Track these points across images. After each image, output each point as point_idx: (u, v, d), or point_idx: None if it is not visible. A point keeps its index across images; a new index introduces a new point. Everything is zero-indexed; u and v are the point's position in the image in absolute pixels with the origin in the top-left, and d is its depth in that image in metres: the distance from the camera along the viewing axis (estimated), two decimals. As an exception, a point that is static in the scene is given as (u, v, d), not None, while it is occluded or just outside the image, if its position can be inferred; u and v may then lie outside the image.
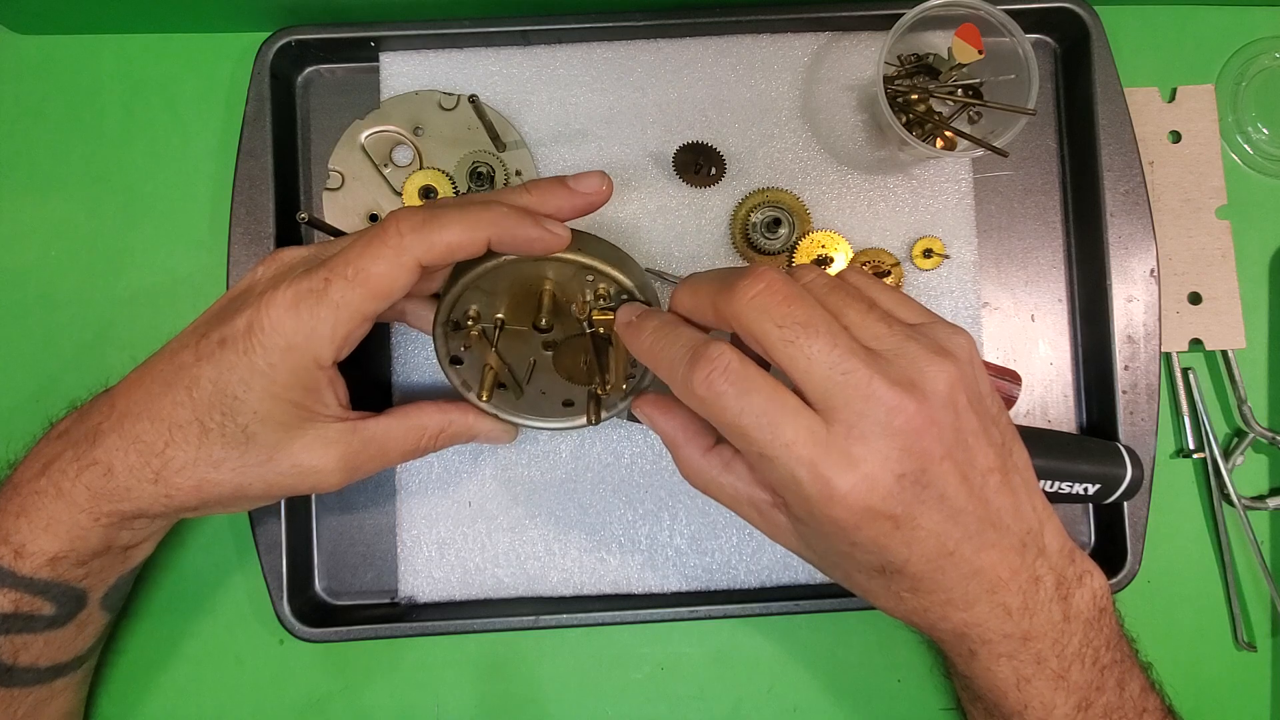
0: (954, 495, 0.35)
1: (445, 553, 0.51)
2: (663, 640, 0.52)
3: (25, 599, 0.40)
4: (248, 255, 0.50)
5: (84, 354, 0.53)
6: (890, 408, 0.34)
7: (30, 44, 0.54)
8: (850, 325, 0.36)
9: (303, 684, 0.52)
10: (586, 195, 0.42)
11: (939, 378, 0.35)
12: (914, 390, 0.34)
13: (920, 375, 0.34)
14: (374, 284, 0.38)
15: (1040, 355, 0.52)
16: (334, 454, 0.41)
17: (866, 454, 0.34)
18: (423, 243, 0.38)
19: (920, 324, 0.37)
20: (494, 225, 0.39)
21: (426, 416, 0.44)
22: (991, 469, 0.36)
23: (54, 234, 0.53)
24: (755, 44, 0.52)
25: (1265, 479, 0.54)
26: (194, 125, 0.53)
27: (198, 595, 0.52)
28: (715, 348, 0.35)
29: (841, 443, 0.34)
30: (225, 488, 0.40)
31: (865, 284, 0.39)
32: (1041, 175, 0.53)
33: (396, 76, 0.52)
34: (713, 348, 0.35)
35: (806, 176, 0.52)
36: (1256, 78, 0.54)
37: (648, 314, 0.40)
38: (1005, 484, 0.36)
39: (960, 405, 0.35)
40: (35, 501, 0.40)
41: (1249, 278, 0.53)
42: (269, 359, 0.38)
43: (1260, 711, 0.52)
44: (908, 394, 0.34)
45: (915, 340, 0.36)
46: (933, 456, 0.34)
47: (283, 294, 0.38)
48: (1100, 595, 0.38)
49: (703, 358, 0.35)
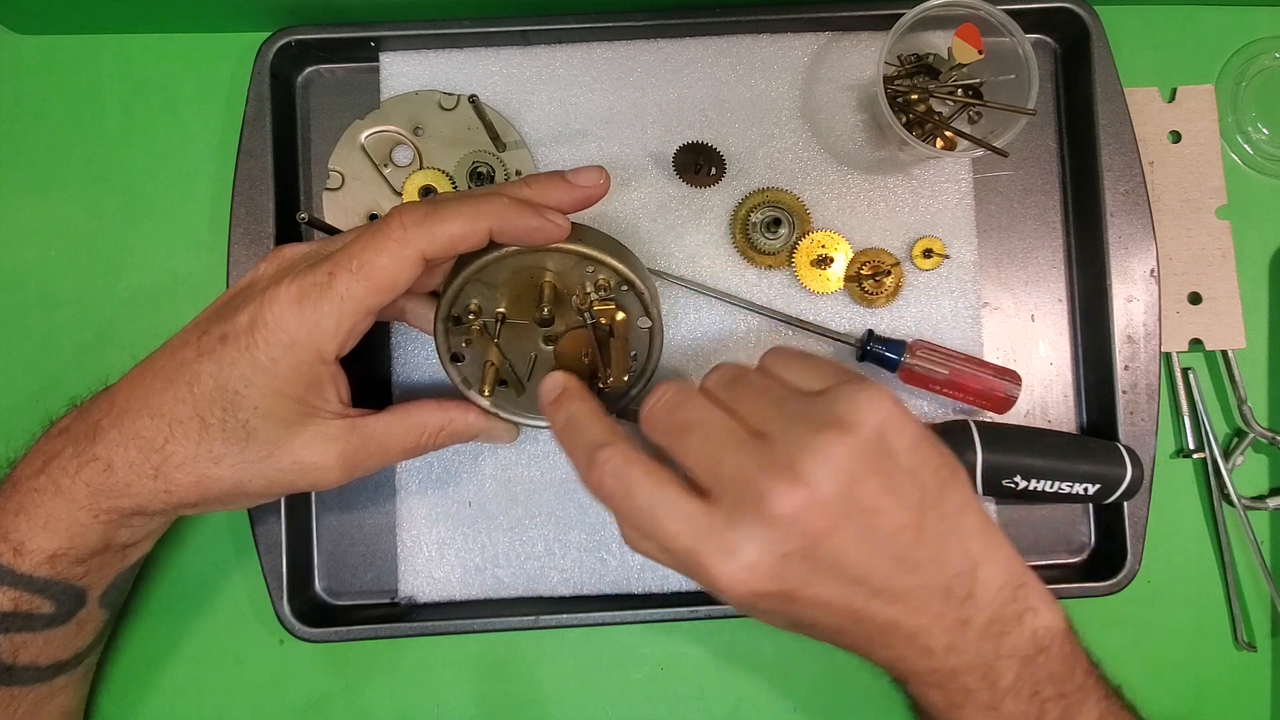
0: (853, 562, 0.35)
1: (445, 553, 0.51)
2: (663, 640, 0.52)
3: (24, 597, 0.40)
4: (248, 255, 0.50)
5: (84, 354, 0.53)
6: (765, 493, 0.34)
7: (30, 44, 0.54)
8: (744, 414, 0.38)
9: (303, 684, 0.52)
10: (585, 188, 0.42)
11: (821, 454, 0.35)
12: (790, 472, 0.35)
13: (801, 454, 0.35)
14: (378, 277, 0.38)
15: (1040, 355, 0.52)
16: (334, 451, 0.41)
17: (745, 540, 0.35)
18: (425, 235, 0.38)
19: (824, 390, 0.38)
20: (495, 216, 0.39)
21: (427, 414, 0.44)
22: (902, 526, 0.36)
23: (54, 234, 0.53)
24: (755, 44, 0.52)
25: (1265, 479, 0.54)
26: (194, 125, 0.53)
27: (197, 595, 0.52)
28: (604, 452, 0.37)
29: (721, 531, 0.35)
30: (225, 484, 0.40)
31: (774, 361, 0.41)
32: (1041, 175, 0.53)
33: (396, 76, 0.52)
34: (602, 452, 0.37)
35: (806, 176, 0.52)
36: (1256, 78, 0.54)
37: (560, 402, 0.42)
38: (920, 539, 0.36)
39: (850, 476, 0.35)
40: (35, 499, 0.40)
41: (1249, 278, 0.53)
42: (271, 354, 0.38)
43: (1260, 711, 0.52)
44: (782, 477, 0.35)
45: (802, 417, 0.36)
46: (817, 533, 0.35)
47: (286, 289, 0.38)
48: (1041, 633, 0.38)
49: (594, 462, 0.38)
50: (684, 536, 0.36)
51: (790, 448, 0.35)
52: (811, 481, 0.35)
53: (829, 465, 0.35)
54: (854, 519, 0.35)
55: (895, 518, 0.36)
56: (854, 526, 0.35)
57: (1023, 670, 0.38)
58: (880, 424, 0.36)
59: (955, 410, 0.51)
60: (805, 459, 0.35)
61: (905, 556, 0.36)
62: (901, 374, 0.49)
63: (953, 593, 0.37)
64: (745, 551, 0.35)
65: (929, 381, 0.49)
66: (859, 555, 0.35)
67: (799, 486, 0.34)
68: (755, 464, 0.35)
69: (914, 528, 0.36)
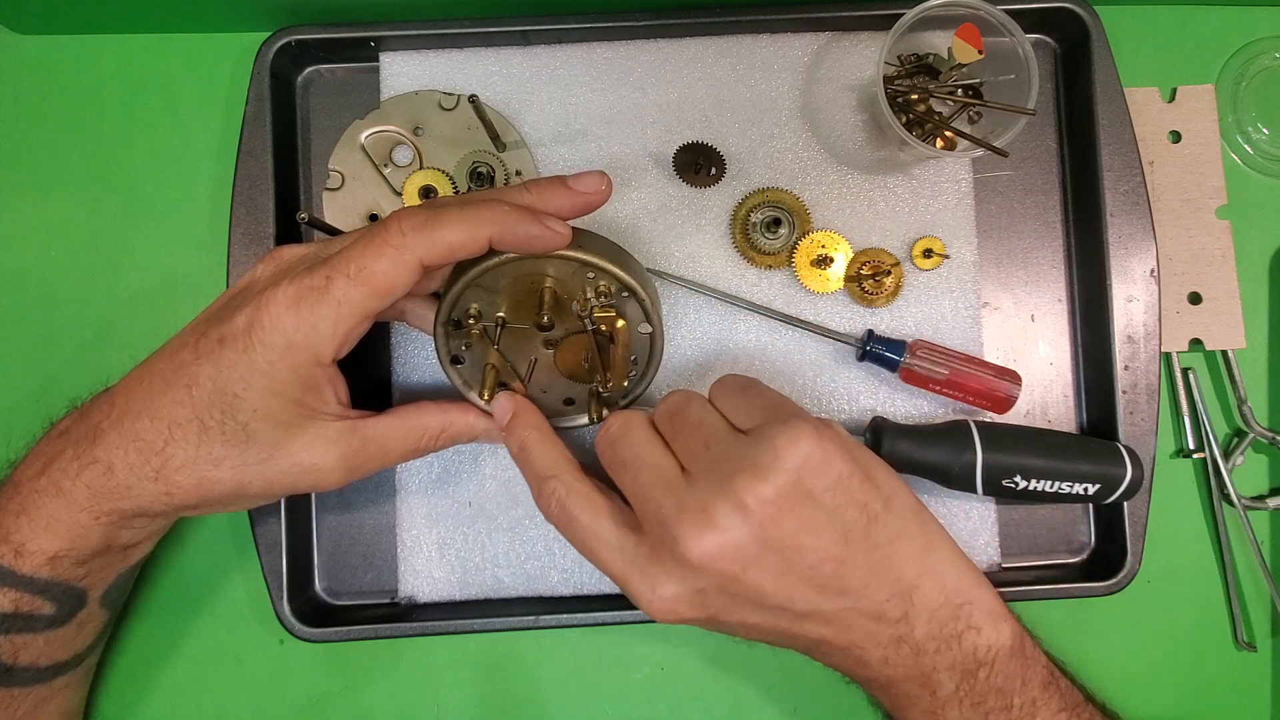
0: (772, 593, 0.38)
1: (445, 553, 0.51)
2: (663, 640, 0.52)
3: (25, 598, 0.40)
4: (248, 255, 0.50)
5: (84, 354, 0.53)
6: (679, 538, 0.37)
7: (30, 44, 0.54)
8: (678, 450, 0.40)
9: (303, 684, 0.52)
10: (586, 195, 0.42)
11: (733, 500, 0.37)
12: (703, 517, 0.37)
13: (713, 500, 0.37)
14: (376, 282, 0.38)
15: (1040, 355, 0.52)
16: (334, 453, 0.41)
17: (663, 576, 0.38)
18: (425, 241, 0.38)
19: (751, 430, 0.39)
20: (496, 224, 0.39)
21: (427, 416, 0.44)
22: (823, 560, 0.37)
23: (54, 234, 0.53)
24: (755, 44, 0.52)
25: (1265, 479, 0.54)
26: (194, 125, 0.53)
27: (198, 595, 0.52)
28: (549, 484, 0.41)
29: (644, 564, 0.38)
30: (225, 486, 0.40)
31: (719, 393, 0.43)
32: (1041, 175, 0.53)
33: (396, 76, 0.52)
34: (548, 484, 0.41)
35: (806, 176, 0.52)
36: (1256, 78, 0.54)
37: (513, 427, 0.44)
38: (843, 569, 0.38)
39: (762, 519, 0.37)
40: (35, 500, 0.40)
41: (1249, 278, 0.53)
42: (269, 357, 0.38)
43: (1260, 711, 0.52)
44: (695, 523, 0.37)
45: (724, 459, 0.38)
46: (731, 572, 0.37)
47: (283, 291, 0.38)
48: (984, 650, 0.39)
49: (540, 493, 0.41)
50: (615, 566, 0.39)
51: (707, 492, 0.37)
52: (723, 527, 0.36)
53: (739, 513, 0.37)
54: (769, 556, 0.37)
55: (815, 553, 0.37)
56: (770, 563, 0.37)
57: (963, 682, 0.39)
58: (797, 468, 0.37)
59: (955, 410, 0.51)
60: (718, 505, 0.37)
61: (828, 585, 0.38)
62: (901, 374, 0.49)
63: (885, 615, 0.39)
64: (664, 586, 0.38)
65: (929, 381, 0.49)
66: (778, 587, 0.38)
67: (709, 532, 0.36)
68: (675, 506, 0.37)
69: (836, 560, 0.38)
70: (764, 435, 0.38)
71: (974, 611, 0.39)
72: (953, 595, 0.39)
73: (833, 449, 0.38)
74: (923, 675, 0.39)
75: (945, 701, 0.39)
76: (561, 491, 0.41)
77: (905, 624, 0.39)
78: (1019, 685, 0.40)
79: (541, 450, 0.43)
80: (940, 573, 0.39)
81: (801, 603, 0.38)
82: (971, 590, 0.40)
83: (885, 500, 0.39)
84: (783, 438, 0.37)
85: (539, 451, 0.43)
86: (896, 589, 0.39)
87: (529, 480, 0.43)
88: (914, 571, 0.39)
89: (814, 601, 0.38)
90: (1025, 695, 0.40)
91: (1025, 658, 0.40)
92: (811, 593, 0.38)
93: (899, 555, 0.39)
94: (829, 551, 0.37)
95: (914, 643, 0.39)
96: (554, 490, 0.41)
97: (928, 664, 0.39)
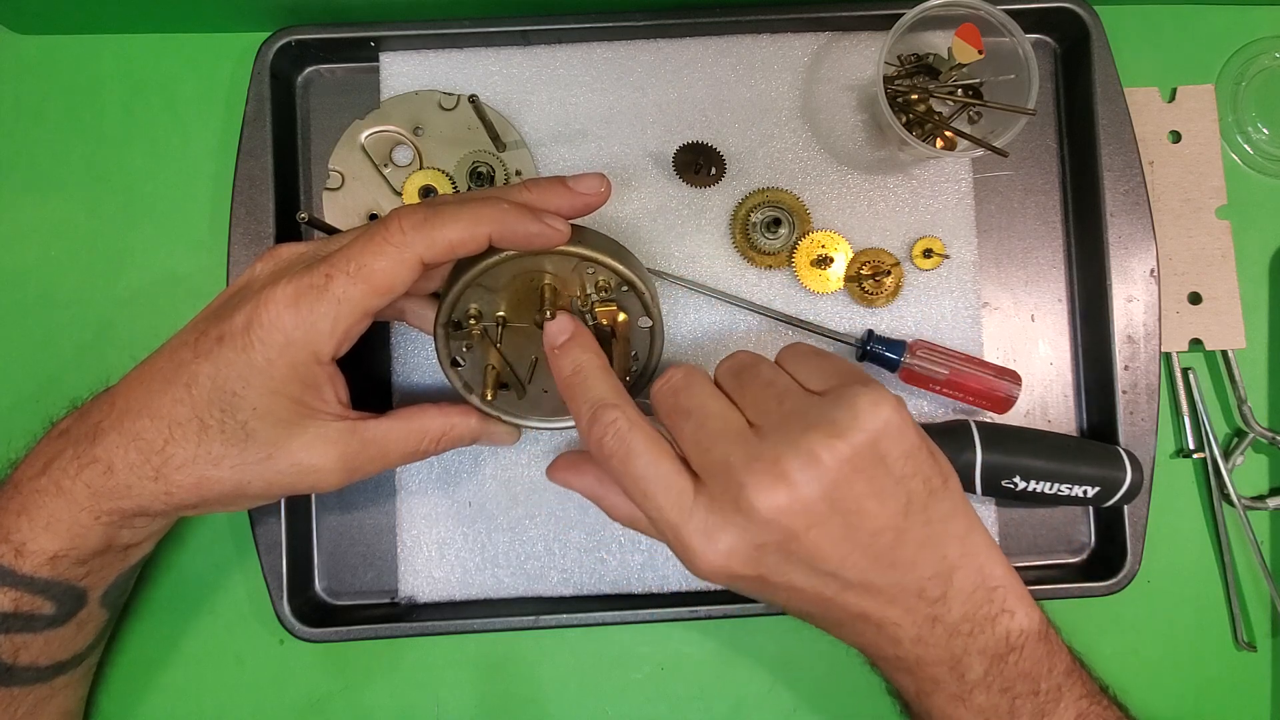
0: (828, 558, 0.37)
1: (445, 553, 0.51)
2: (663, 640, 0.52)
3: (25, 598, 0.40)
4: (248, 255, 0.50)
5: (84, 354, 0.53)
6: (746, 487, 0.36)
7: (30, 44, 0.54)
8: (744, 405, 0.39)
9: (303, 684, 0.52)
10: (585, 195, 0.42)
11: (806, 455, 0.36)
12: (775, 469, 0.36)
13: (787, 453, 0.36)
14: (375, 280, 0.38)
15: (1040, 355, 0.52)
16: (334, 454, 0.41)
17: (724, 526, 0.36)
18: (424, 239, 0.38)
19: (827, 390, 0.38)
20: (495, 222, 0.39)
21: (428, 419, 0.44)
22: (883, 529, 0.37)
23: (54, 234, 0.53)
24: (755, 44, 0.52)
25: (1265, 479, 0.54)
26: (194, 125, 0.53)
27: (198, 595, 0.52)
28: (610, 412, 0.38)
29: (703, 514, 0.37)
30: (225, 485, 0.40)
31: (788, 356, 0.41)
32: (1041, 175, 0.53)
33: (396, 76, 0.52)
34: (608, 412, 0.38)
35: (806, 176, 0.52)
36: (1256, 78, 0.54)
37: (567, 348, 0.41)
38: (899, 541, 0.37)
39: (834, 479, 0.36)
40: (36, 500, 0.40)
41: (1249, 278, 0.53)
42: (267, 355, 0.38)
43: (1260, 711, 0.52)
44: (765, 475, 0.36)
45: (797, 415, 0.37)
46: (795, 529, 0.36)
47: (282, 290, 0.38)
48: (1015, 634, 0.39)
49: (598, 420, 0.38)
50: (669, 511, 0.37)
51: (779, 445, 0.36)
52: (795, 481, 0.35)
53: (813, 468, 0.36)
54: (835, 519, 0.36)
55: (877, 520, 0.37)
56: (834, 525, 0.36)
57: (992, 667, 0.39)
58: (876, 431, 0.36)
59: (955, 410, 0.51)
60: (791, 458, 0.36)
61: (882, 556, 0.37)
62: (901, 374, 0.49)
63: (926, 593, 0.38)
64: (722, 538, 0.36)
65: (929, 381, 0.49)
66: (836, 552, 0.37)
67: (781, 485, 0.35)
68: (743, 456, 0.36)
69: (895, 530, 0.37)
70: (844, 395, 0.37)
71: (1007, 596, 0.39)
72: (987, 578, 0.39)
73: (908, 419, 0.37)
74: (953, 658, 0.39)
75: (973, 686, 0.39)
76: (623, 423, 0.38)
77: (943, 604, 0.38)
78: (1045, 670, 0.39)
79: (600, 377, 0.40)
80: (979, 556, 0.39)
81: (853, 571, 0.37)
82: (1004, 575, 0.39)
83: (944, 478, 0.39)
84: (864, 399, 0.37)
85: (598, 377, 0.40)
86: (940, 568, 0.38)
87: (578, 407, 0.40)
88: (957, 552, 0.38)
89: (865, 572, 0.37)
90: (1050, 681, 0.40)
91: (1051, 643, 0.40)
92: (865, 562, 0.37)
93: (947, 534, 0.38)
94: (889, 521, 0.37)
95: (949, 624, 0.38)
96: (614, 420, 0.38)
97: (959, 646, 0.38)
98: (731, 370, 0.41)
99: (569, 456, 0.44)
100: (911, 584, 0.38)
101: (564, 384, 0.41)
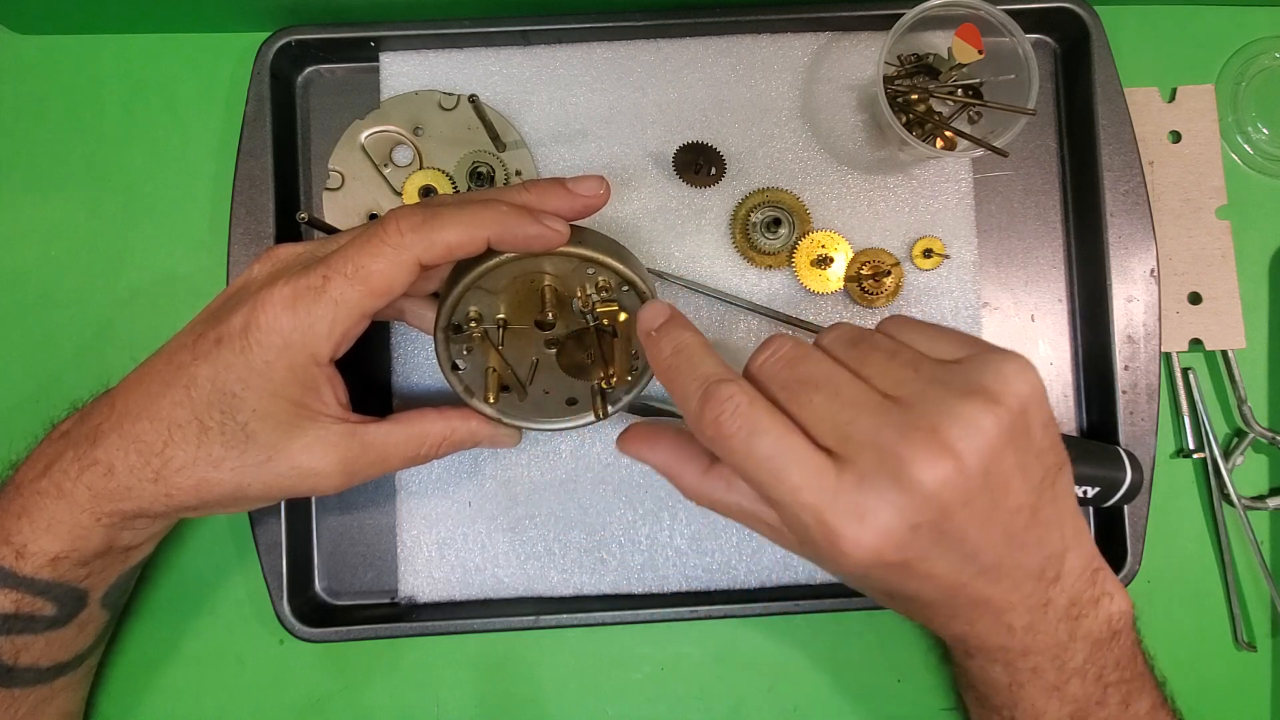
0: (973, 538, 0.34)
1: (445, 553, 0.51)
2: (663, 640, 0.52)
3: (26, 599, 0.40)
4: (248, 255, 0.50)
5: (84, 354, 0.53)
6: (907, 460, 0.32)
7: (30, 44, 0.54)
8: (871, 376, 0.35)
9: (303, 684, 0.52)
10: (584, 198, 0.42)
11: (967, 423, 0.33)
12: (934, 439, 0.32)
13: (945, 421, 0.33)
14: (373, 282, 0.38)
15: (1040, 355, 0.52)
16: (333, 456, 0.41)
17: (879, 505, 0.33)
18: (423, 242, 0.38)
19: (962, 358, 0.36)
20: (495, 224, 0.39)
21: (429, 424, 0.44)
22: (1021, 507, 0.35)
23: (54, 234, 0.53)
24: (755, 44, 0.52)
25: (1265, 479, 0.54)
26: (194, 125, 0.53)
27: (198, 595, 0.52)
28: (726, 388, 0.35)
29: (852, 493, 0.33)
30: (225, 487, 0.40)
31: (899, 327, 0.38)
32: (1041, 175, 0.53)
33: (396, 76, 0.52)
34: (724, 388, 0.35)
35: (806, 176, 0.52)
36: (1256, 78, 0.54)
37: (667, 330, 0.39)
38: (1034, 519, 0.35)
39: (990, 447, 0.33)
40: (37, 502, 0.40)
41: (1249, 278, 0.53)
42: (266, 356, 0.38)
43: (1260, 711, 0.52)
44: (927, 445, 0.32)
45: (943, 383, 0.34)
46: (952, 505, 0.33)
47: (280, 291, 0.38)
48: (1116, 618, 0.38)
49: (713, 397, 0.35)
50: (808, 492, 0.33)
51: (933, 414, 0.33)
52: (959, 452, 0.32)
53: (977, 436, 0.33)
54: (984, 495, 0.33)
55: (1018, 497, 0.34)
56: (983, 502, 0.33)
57: (1092, 653, 0.38)
58: (1025, 398, 0.34)
59: (955, 410, 0.51)
60: (951, 426, 0.32)
61: (1016, 536, 0.35)
62: (901, 374, 0.49)
63: (1044, 575, 0.36)
64: (878, 518, 0.32)
65: (929, 382, 0.49)
66: (980, 532, 0.34)
67: (946, 456, 0.32)
68: (894, 428, 0.33)
69: (1030, 509, 0.35)
70: (989, 361, 0.35)
71: (1106, 579, 0.38)
72: (1090, 560, 0.37)
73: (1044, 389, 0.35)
74: (1059, 644, 0.37)
75: (1071, 675, 0.37)
76: (743, 398, 0.34)
77: (1057, 586, 0.36)
78: (1134, 659, 0.39)
79: (708, 353, 0.37)
80: (1085, 536, 0.37)
81: (989, 554, 0.34)
82: (1099, 557, 0.38)
83: (1065, 453, 0.36)
84: (1011, 365, 0.34)
85: (704, 353, 0.37)
86: (1056, 549, 0.36)
87: (685, 386, 0.36)
88: (1070, 531, 0.36)
89: (999, 554, 0.34)
90: (1135, 669, 0.39)
91: (1137, 633, 0.40)
92: (1001, 543, 0.34)
93: (1066, 512, 0.36)
94: (1026, 499, 0.34)
95: (1059, 608, 0.37)
96: (732, 395, 0.34)
97: (1064, 632, 0.37)
98: (845, 340, 0.38)
99: (642, 428, 0.41)
100: (1034, 566, 0.36)
101: (665, 365, 0.38)
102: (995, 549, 0.34)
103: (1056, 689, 0.38)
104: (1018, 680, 0.38)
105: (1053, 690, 0.38)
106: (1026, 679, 0.38)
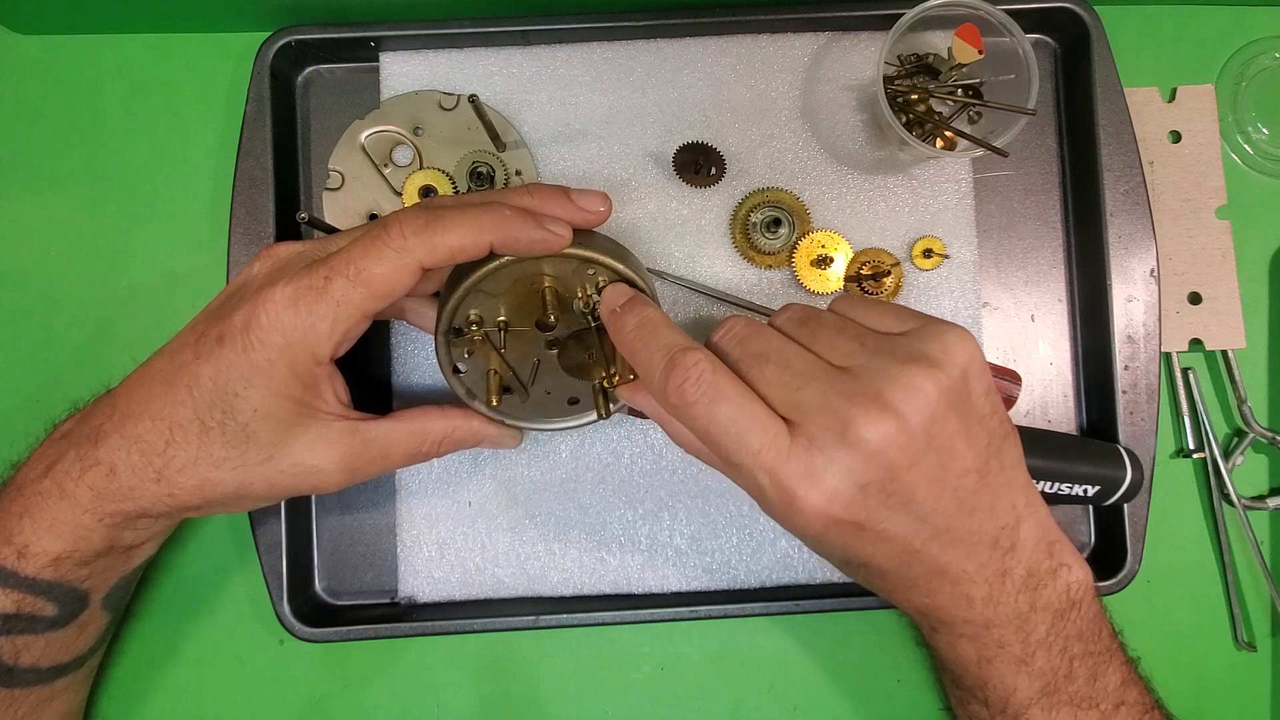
0: (923, 499, 0.36)
1: (445, 553, 0.51)
2: (663, 640, 0.52)
3: (28, 600, 0.40)
4: (247, 255, 0.50)
5: (84, 354, 0.53)
6: (851, 420, 0.34)
7: (30, 44, 0.54)
8: (821, 350, 0.38)
9: (303, 684, 0.52)
10: (585, 212, 0.42)
11: (909, 386, 0.35)
12: (877, 402, 0.35)
13: (887, 386, 0.35)
14: (375, 284, 0.38)
15: (1040, 355, 0.52)
16: (335, 454, 0.41)
17: (827, 465, 0.35)
18: (425, 245, 0.38)
19: (906, 331, 0.38)
20: (497, 228, 0.39)
21: (430, 421, 0.44)
22: (969, 470, 0.36)
23: (54, 234, 0.53)
24: (755, 44, 0.52)
25: (1265, 479, 0.54)
26: (194, 125, 0.53)
27: (198, 596, 0.52)
28: (690, 355, 0.37)
29: (803, 454, 0.35)
30: (227, 486, 0.40)
31: (847, 306, 0.41)
32: (1041, 175, 0.53)
33: (396, 76, 0.52)
34: (688, 355, 0.37)
35: (806, 176, 0.52)
36: (1256, 78, 0.54)
37: (631, 305, 0.40)
38: (983, 484, 0.37)
39: (934, 411, 0.35)
40: (39, 502, 0.40)
41: (1249, 278, 0.53)
42: (267, 355, 0.38)
43: (1260, 711, 0.52)
44: (870, 407, 0.34)
45: (887, 353, 0.36)
46: (899, 466, 0.35)
47: (281, 290, 0.38)
48: (1075, 588, 0.39)
49: (678, 365, 0.37)
50: (767, 454, 0.35)
51: (877, 379, 0.35)
52: (901, 412, 0.35)
53: (918, 398, 0.35)
54: (930, 456, 0.35)
55: (965, 460, 0.36)
56: (929, 463, 0.35)
57: (1054, 624, 0.38)
58: (965, 365, 0.36)
59: (955, 410, 0.51)
60: (894, 390, 0.35)
61: (966, 500, 0.36)
62: (901, 374, 0.49)
63: (999, 543, 0.37)
64: (828, 477, 0.35)
65: (929, 382, 0.49)
66: (929, 493, 0.36)
67: (888, 416, 0.34)
68: (841, 393, 0.35)
69: (978, 473, 0.37)
70: (931, 331, 0.37)
71: (1064, 550, 0.39)
72: (1046, 533, 0.39)
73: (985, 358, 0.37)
74: (1020, 615, 0.38)
75: (1036, 647, 0.38)
76: (707, 367, 0.36)
77: (1013, 556, 0.38)
78: (1097, 631, 0.40)
79: (669, 326, 0.39)
80: (1039, 508, 0.39)
81: (940, 516, 0.36)
82: (1057, 529, 0.39)
83: (1010, 424, 0.38)
84: (952, 334, 0.37)
85: (666, 326, 0.39)
86: (1010, 519, 0.37)
87: (649, 356, 0.38)
88: (1023, 502, 0.38)
89: (951, 517, 0.36)
90: (1100, 643, 0.40)
91: (1099, 604, 0.40)
92: (952, 506, 0.36)
93: (1017, 482, 0.38)
94: (974, 463, 0.36)
95: (1017, 578, 0.38)
96: (696, 363, 0.36)
97: (1025, 603, 0.38)
98: (796, 319, 0.40)
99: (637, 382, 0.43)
100: (988, 533, 0.37)
101: (629, 339, 0.39)
102: (946, 511, 0.36)
103: (1023, 662, 0.39)
104: (985, 655, 0.39)
105: (1020, 664, 0.39)
106: (993, 654, 0.39)
